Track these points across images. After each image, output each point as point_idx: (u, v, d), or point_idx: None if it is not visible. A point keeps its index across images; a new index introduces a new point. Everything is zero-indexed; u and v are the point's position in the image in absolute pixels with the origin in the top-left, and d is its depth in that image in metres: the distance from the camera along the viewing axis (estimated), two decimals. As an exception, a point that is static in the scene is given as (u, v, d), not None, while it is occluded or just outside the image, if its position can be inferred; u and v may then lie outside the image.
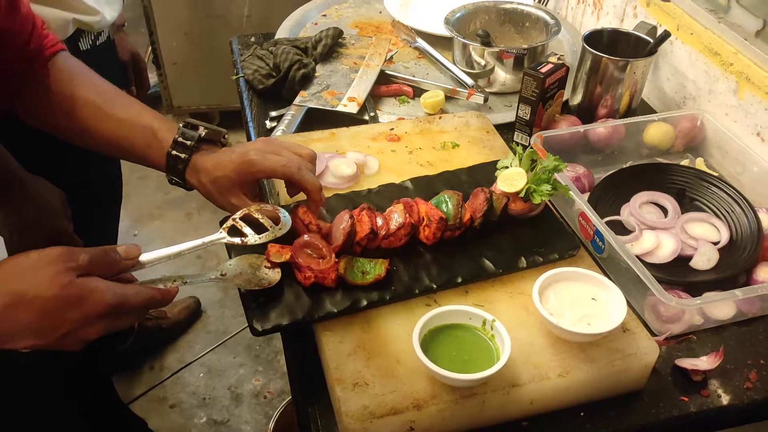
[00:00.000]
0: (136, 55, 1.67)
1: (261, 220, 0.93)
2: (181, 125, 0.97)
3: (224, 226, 0.92)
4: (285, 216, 0.95)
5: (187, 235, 2.74)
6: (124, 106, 0.98)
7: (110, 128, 0.97)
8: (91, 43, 1.44)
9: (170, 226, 2.80)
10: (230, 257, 0.93)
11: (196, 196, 1.01)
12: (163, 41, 2.91)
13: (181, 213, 2.86)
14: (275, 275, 0.91)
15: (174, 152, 0.95)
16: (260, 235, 0.91)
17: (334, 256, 0.93)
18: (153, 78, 3.26)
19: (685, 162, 1.27)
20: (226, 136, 1.01)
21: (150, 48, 2.99)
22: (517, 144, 1.31)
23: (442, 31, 1.55)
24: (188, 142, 0.95)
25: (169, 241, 2.72)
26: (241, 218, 0.93)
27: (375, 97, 1.44)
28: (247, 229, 0.92)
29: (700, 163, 1.27)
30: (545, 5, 1.83)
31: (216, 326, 2.40)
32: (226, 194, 0.95)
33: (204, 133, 0.97)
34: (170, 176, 0.98)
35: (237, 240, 0.91)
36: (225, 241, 0.91)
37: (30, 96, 0.99)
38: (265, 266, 0.91)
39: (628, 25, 1.51)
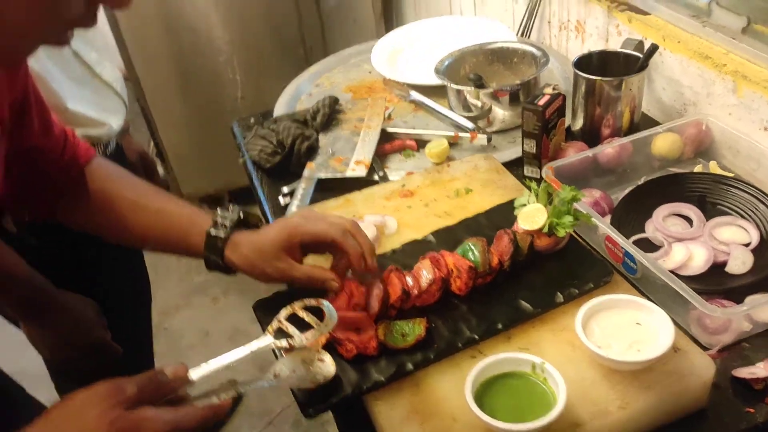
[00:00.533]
0: (143, 154, 1.71)
1: (306, 319, 0.90)
2: (218, 209, 1.01)
3: (269, 328, 0.89)
4: (329, 309, 0.91)
5: (216, 320, 2.74)
6: (159, 199, 1.03)
7: (147, 219, 1.01)
8: (101, 153, 1.47)
9: (198, 314, 2.81)
10: (276, 357, 0.91)
11: (220, 280, 1.01)
12: (164, 135, 2.97)
13: (207, 299, 2.87)
14: (330, 368, 0.88)
15: (213, 231, 0.98)
16: (306, 335, 0.88)
17: (373, 324, 0.93)
18: (159, 171, 3.32)
19: (698, 168, 1.27)
20: (261, 223, 1.05)
21: (152, 143, 3.06)
22: (530, 179, 1.31)
23: (434, 80, 1.58)
24: (227, 222, 0.99)
25: (200, 328, 2.73)
26: (285, 318, 0.91)
27: (381, 156, 1.46)
28: (292, 329, 0.89)
29: (713, 167, 1.26)
30: (528, 37, 1.87)
31: (259, 407, 2.38)
32: (271, 260, 0.96)
33: (242, 215, 1.01)
34: (209, 256, 0.99)
35: (284, 343, 0.87)
36: (272, 345, 0.88)
37: (67, 200, 1.03)
38: (319, 359, 0.88)
39: (614, 44, 1.54)
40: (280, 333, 0.89)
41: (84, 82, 1.35)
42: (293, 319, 0.91)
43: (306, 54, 2.86)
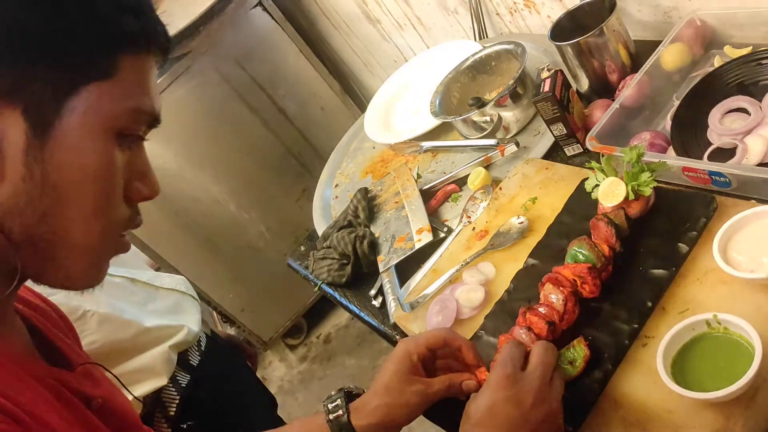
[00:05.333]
0: (233, 337, 1.76)
1: None
2: (323, 404, 0.97)
3: None
4: None
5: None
6: None
7: None
8: (198, 352, 1.52)
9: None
10: None
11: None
12: (220, 300, 3.02)
13: None
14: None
15: (332, 416, 0.94)
16: None
17: None
18: (233, 332, 3.37)
19: (717, 60, 1.27)
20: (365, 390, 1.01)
21: (214, 312, 3.12)
22: (575, 156, 1.32)
23: (435, 122, 1.62)
24: (338, 402, 0.95)
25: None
26: None
27: (434, 214, 1.48)
28: None
29: (729, 51, 1.26)
30: (487, 37, 1.90)
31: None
32: (406, 390, 0.92)
33: (346, 391, 0.97)
34: None
35: None
36: None
37: None
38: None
39: (570, 1, 1.56)
40: None
41: (150, 300, 1.42)
42: None
43: (298, 159, 2.93)
